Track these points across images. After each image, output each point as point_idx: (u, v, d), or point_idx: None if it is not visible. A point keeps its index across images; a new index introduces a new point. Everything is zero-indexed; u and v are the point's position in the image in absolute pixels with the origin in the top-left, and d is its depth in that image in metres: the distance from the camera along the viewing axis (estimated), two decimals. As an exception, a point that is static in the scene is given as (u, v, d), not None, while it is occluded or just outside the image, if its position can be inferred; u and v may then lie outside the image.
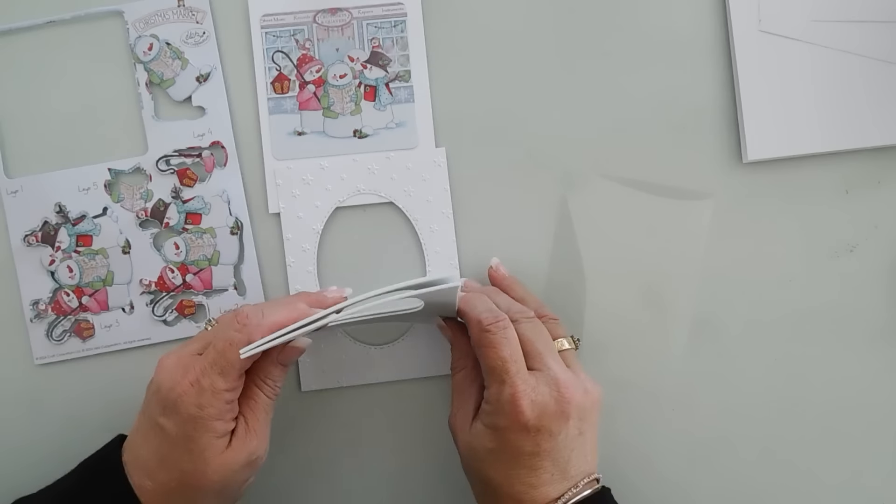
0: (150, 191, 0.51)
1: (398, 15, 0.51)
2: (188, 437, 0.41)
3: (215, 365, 0.41)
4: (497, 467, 0.42)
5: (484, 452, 0.42)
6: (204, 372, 0.41)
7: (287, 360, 0.44)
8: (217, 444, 0.41)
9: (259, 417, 0.43)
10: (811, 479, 0.52)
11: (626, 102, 0.51)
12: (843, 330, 0.52)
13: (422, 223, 0.51)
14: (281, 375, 0.44)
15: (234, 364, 0.41)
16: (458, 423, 0.44)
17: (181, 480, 0.41)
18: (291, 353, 0.44)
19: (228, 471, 0.42)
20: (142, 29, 0.51)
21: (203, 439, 0.41)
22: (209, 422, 0.41)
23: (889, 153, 0.51)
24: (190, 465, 0.41)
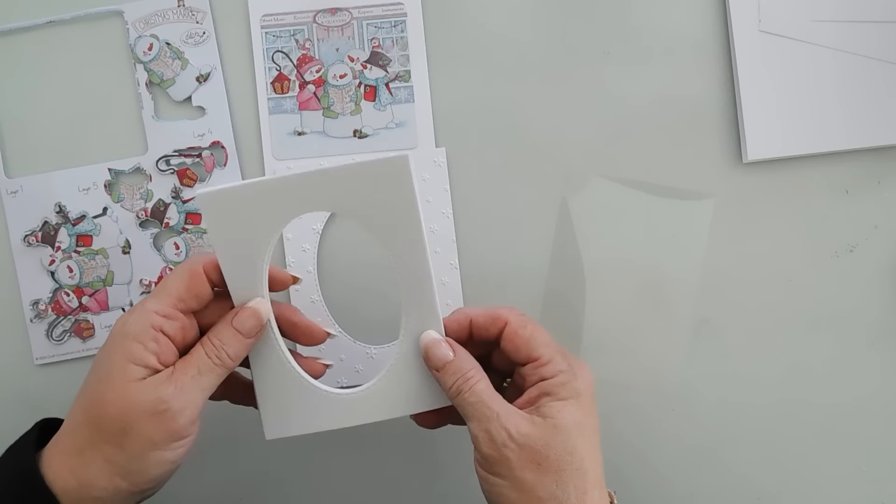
0: (150, 191, 0.51)
1: (398, 15, 0.51)
2: (105, 356, 0.39)
3: (154, 289, 0.40)
4: (586, 443, 0.39)
5: (576, 426, 0.39)
6: (143, 298, 0.40)
7: (243, 325, 0.40)
8: (127, 369, 0.38)
9: (188, 371, 0.39)
10: (811, 478, 0.52)
11: (626, 102, 0.51)
12: (843, 330, 0.52)
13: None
14: (233, 341, 0.40)
15: (170, 288, 0.39)
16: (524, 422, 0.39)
17: (84, 409, 0.39)
18: (248, 316, 0.40)
19: (126, 405, 0.37)
20: (142, 29, 0.51)
21: (114, 356, 0.38)
22: (127, 340, 0.38)
23: (889, 153, 0.51)
24: (93, 386, 0.39)
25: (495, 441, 0.38)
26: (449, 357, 0.41)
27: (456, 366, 0.40)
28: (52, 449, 0.39)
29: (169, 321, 0.39)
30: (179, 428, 0.38)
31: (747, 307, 0.51)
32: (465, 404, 0.40)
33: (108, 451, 0.38)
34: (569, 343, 0.51)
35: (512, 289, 0.51)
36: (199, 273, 0.40)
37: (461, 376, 0.40)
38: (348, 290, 0.51)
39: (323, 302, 0.51)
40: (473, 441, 0.39)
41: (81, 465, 0.38)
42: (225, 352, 0.40)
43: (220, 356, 0.39)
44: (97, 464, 0.38)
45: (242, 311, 0.40)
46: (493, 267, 0.51)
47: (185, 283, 0.40)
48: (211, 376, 0.39)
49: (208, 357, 0.39)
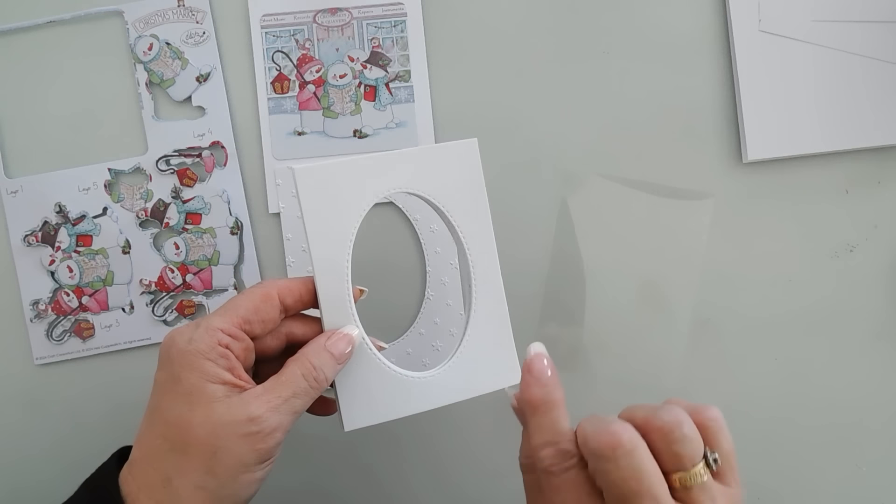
0: (150, 191, 0.51)
1: (398, 15, 0.51)
2: (174, 377, 0.36)
3: (218, 310, 0.38)
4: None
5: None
6: (203, 318, 0.37)
7: (336, 348, 0.38)
8: (207, 388, 0.35)
9: (282, 392, 0.36)
10: (811, 478, 0.52)
11: (626, 102, 0.51)
12: (843, 330, 0.52)
13: (422, 223, 0.51)
14: (327, 363, 0.38)
15: (238, 308, 0.37)
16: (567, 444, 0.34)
17: (164, 435, 0.36)
18: (341, 339, 0.38)
19: (217, 426, 0.35)
20: (142, 29, 0.51)
21: (189, 378, 0.35)
22: (197, 359, 0.35)
23: (889, 153, 0.51)
24: (172, 410, 0.36)
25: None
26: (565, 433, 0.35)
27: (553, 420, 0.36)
28: (131, 482, 0.36)
29: (234, 341, 0.37)
30: (269, 449, 0.36)
31: (747, 307, 0.51)
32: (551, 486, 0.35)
33: (197, 477, 0.35)
34: (569, 343, 0.51)
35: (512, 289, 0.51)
36: (272, 297, 0.38)
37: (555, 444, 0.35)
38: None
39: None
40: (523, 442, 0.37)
41: (170, 496, 0.35)
42: (321, 374, 0.38)
43: (316, 377, 0.37)
44: (187, 492, 0.35)
45: (335, 335, 0.39)
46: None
47: (256, 304, 0.38)
48: (305, 399, 0.37)
49: (304, 379, 0.37)
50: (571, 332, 0.51)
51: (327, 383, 0.38)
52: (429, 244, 0.51)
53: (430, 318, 0.51)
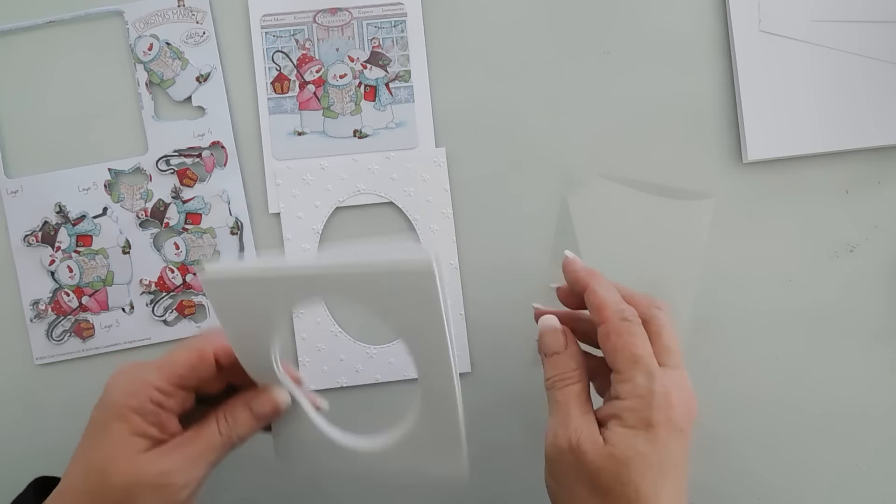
0: (150, 191, 0.51)
1: (398, 15, 0.51)
2: (104, 424, 0.38)
3: (157, 362, 0.39)
4: (648, 475, 0.36)
5: (638, 459, 0.36)
6: (142, 366, 0.39)
7: (259, 408, 0.40)
8: (130, 441, 0.38)
9: (196, 446, 0.39)
10: (811, 478, 0.52)
11: (626, 102, 0.51)
12: (843, 330, 0.52)
13: (422, 223, 0.51)
14: (246, 422, 0.40)
15: (176, 366, 0.39)
16: (586, 439, 0.37)
17: (85, 476, 0.38)
18: (266, 402, 0.40)
19: (132, 477, 0.37)
20: (142, 29, 0.51)
21: (116, 428, 0.38)
22: (128, 412, 0.38)
23: (889, 153, 0.51)
24: (96, 455, 0.38)
25: (558, 446, 0.38)
26: (559, 349, 0.41)
27: (562, 361, 0.40)
28: None
29: (168, 398, 0.38)
30: (181, 501, 0.38)
31: (747, 307, 0.51)
32: (552, 399, 0.40)
33: None
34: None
35: (512, 289, 0.51)
36: (207, 357, 0.39)
37: (560, 373, 0.40)
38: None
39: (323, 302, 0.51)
40: (545, 438, 0.39)
41: None
42: (237, 432, 0.40)
43: (230, 436, 0.39)
44: None
45: (262, 396, 0.40)
46: (494, 267, 0.51)
47: (192, 363, 0.39)
48: (219, 452, 0.39)
49: (220, 434, 0.39)
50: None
51: (244, 440, 0.40)
52: (429, 244, 0.51)
53: (430, 318, 0.51)
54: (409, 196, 0.51)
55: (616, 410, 0.37)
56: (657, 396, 0.37)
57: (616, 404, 0.38)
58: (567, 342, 0.41)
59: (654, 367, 0.38)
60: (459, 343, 0.51)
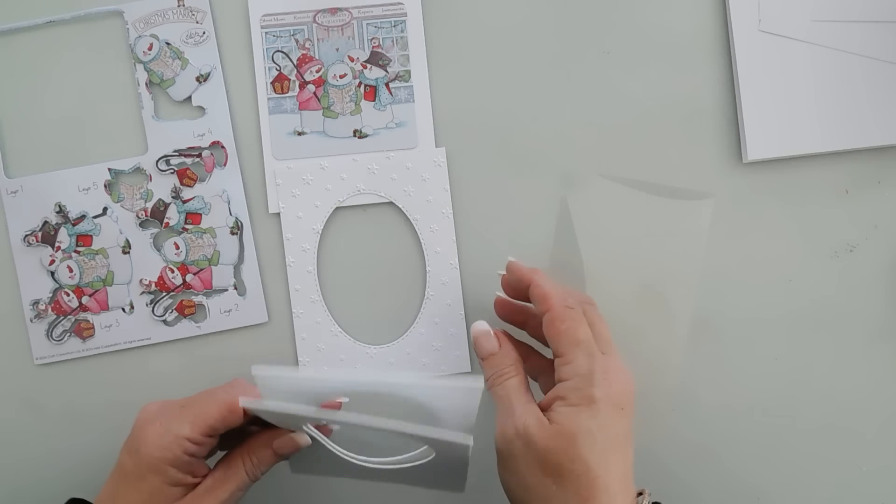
0: (150, 191, 0.51)
1: (398, 15, 0.51)
2: (141, 476, 0.40)
3: (188, 412, 0.41)
4: (595, 449, 0.38)
5: (583, 434, 0.38)
6: (174, 415, 0.41)
7: (282, 449, 0.43)
8: (167, 490, 0.40)
9: (228, 487, 0.42)
10: (811, 478, 0.52)
11: (627, 102, 0.51)
12: (843, 330, 0.52)
13: (422, 223, 0.51)
14: (269, 461, 0.43)
15: (208, 418, 0.41)
16: (532, 423, 0.40)
17: None
18: (288, 443, 0.43)
19: None
20: (142, 29, 0.51)
21: (154, 481, 0.40)
22: (164, 466, 0.40)
23: (889, 153, 0.51)
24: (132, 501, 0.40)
25: (506, 436, 0.40)
26: (493, 350, 0.44)
27: (497, 360, 0.43)
28: None
29: (200, 447, 0.41)
30: None
31: (747, 307, 0.51)
32: (495, 396, 0.43)
33: None
34: (569, 343, 0.51)
35: (512, 289, 0.51)
36: (237, 410, 0.41)
37: (497, 371, 0.43)
38: (348, 290, 0.51)
39: (323, 302, 0.51)
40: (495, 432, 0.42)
41: None
42: (261, 470, 0.43)
43: (256, 474, 0.43)
44: None
45: (284, 439, 0.43)
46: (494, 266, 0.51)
47: (223, 415, 0.41)
48: (246, 489, 0.43)
49: (247, 475, 0.43)
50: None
51: (263, 474, 0.44)
52: (429, 244, 0.51)
53: (430, 318, 0.51)
54: (409, 196, 0.51)
55: (559, 392, 0.40)
56: (597, 375, 0.39)
57: (559, 387, 0.40)
58: (500, 342, 0.44)
59: (595, 350, 0.41)
60: (459, 343, 0.51)
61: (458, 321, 0.51)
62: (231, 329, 0.51)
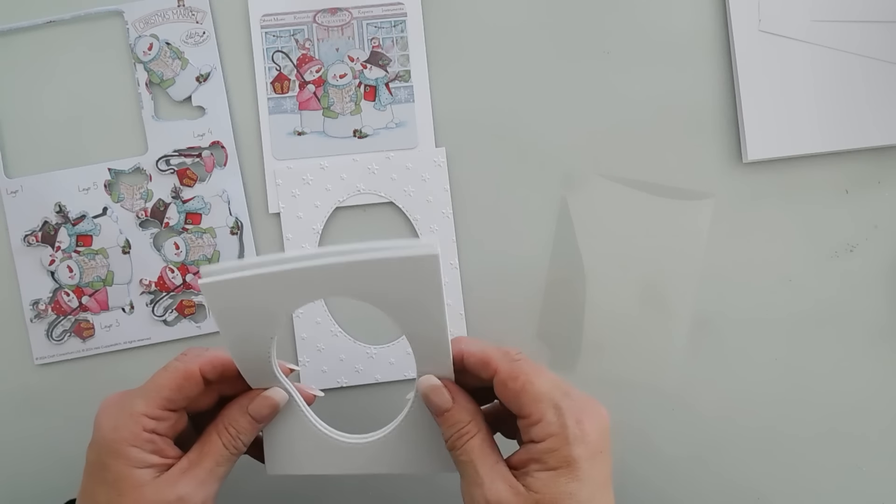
0: (150, 191, 0.51)
1: (398, 15, 0.51)
2: (102, 463, 0.37)
3: (142, 389, 0.38)
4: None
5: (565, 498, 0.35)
6: (127, 396, 0.38)
7: (258, 412, 0.39)
8: (134, 474, 0.37)
9: (205, 465, 0.38)
10: (811, 478, 0.52)
11: (626, 102, 0.51)
12: (843, 330, 0.52)
13: (422, 223, 0.51)
14: (248, 428, 0.39)
15: (162, 389, 0.38)
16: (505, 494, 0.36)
17: None
18: (263, 403, 0.39)
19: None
20: (142, 29, 0.51)
21: (115, 466, 0.37)
22: (122, 446, 0.37)
23: (889, 153, 0.51)
24: (103, 497, 0.37)
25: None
26: (447, 405, 0.38)
27: (453, 417, 0.38)
28: None
29: (159, 422, 0.38)
30: None
31: (747, 307, 0.51)
32: (457, 461, 0.38)
33: None
34: (569, 343, 0.51)
35: (512, 289, 0.51)
36: (193, 375, 0.39)
37: (457, 431, 0.38)
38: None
39: (323, 302, 0.51)
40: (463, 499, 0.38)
41: None
42: (241, 440, 0.39)
43: (236, 445, 0.39)
44: None
45: (259, 398, 0.39)
46: (493, 267, 0.51)
47: (178, 383, 0.38)
48: (228, 465, 0.39)
49: (226, 448, 0.39)
50: (571, 331, 0.51)
51: (247, 447, 0.40)
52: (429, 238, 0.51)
53: (430, 318, 0.51)
54: (409, 196, 0.51)
55: (534, 454, 0.36)
56: (571, 430, 0.36)
57: (532, 448, 0.36)
58: (453, 395, 0.39)
59: (559, 399, 0.36)
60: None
61: (457, 321, 0.51)
62: (231, 329, 0.51)
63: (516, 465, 0.37)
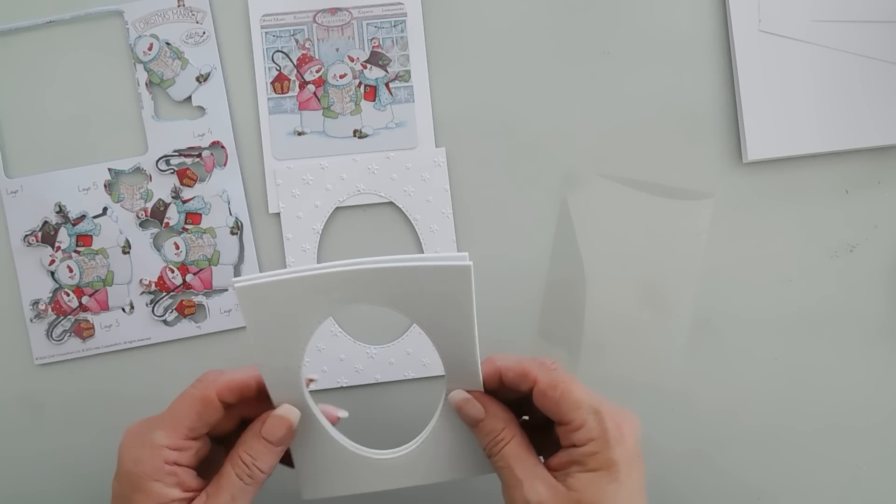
0: (150, 191, 0.51)
1: (398, 15, 0.51)
2: (125, 498, 0.37)
3: (162, 419, 0.38)
4: None
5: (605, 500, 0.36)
6: (148, 426, 0.38)
7: (273, 435, 0.38)
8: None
9: (223, 498, 0.37)
10: (811, 478, 0.52)
11: (627, 102, 0.51)
12: (843, 330, 0.52)
13: (422, 223, 0.51)
14: (265, 454, 0.38)
15: (182, 418, 0.38)
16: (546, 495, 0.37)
17: None
18: (276, 423, 0.38)
19: None
20: (142, 29, 0.51)
21: (138, 500, 0.37)
22: (144, 481, 0.37)
23: (889, 153, 0.51)
24: None
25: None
26: (480, 416, 0.39)
27: (488, 426, 0.39)
28: None
29: (182, 453, 0.38)
30: None
31: (747, 307, 0.51)
32: (495, 467, 0.39)
33: None
34: (569, 343, 0.51)
35: (512, 289, 0.51)
36: (211, 401, 0.38)
37: (492, 439, 0.39)
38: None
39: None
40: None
41: None
42: (257, 468, 0.38)
43: (252, 475, 0.38)
44: None
45: (271, 419, 0.39)
46: (494, 266, 0.51)
47: (197, 412, 0.38)
48: (246, 497, 0.38)
49: (240, 479, 0.38)
50: (572, 331, 0.51)
51: (269, 472, 0.39)
52: (429, 244, 0.51)
53: (430, 318, 0.51)
54: (409, 196, 0.51)
55: (574, 457, 0.37)
56: (611, 433, 0.37)
57: (573, 451, 0.37)
58: (484, 405, 0.39)
59: (597, 405, 0.37)
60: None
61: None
62: (231, 329, 0.51)
63: (555, 468, 0.38)
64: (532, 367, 0.39)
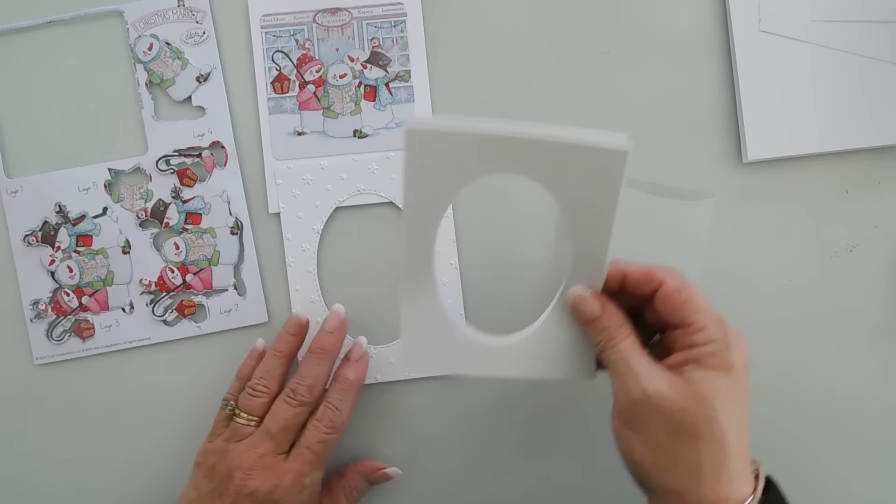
0: (150, 191, 0.51)
1: (398, 15, 0.51)
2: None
3: (314, 464, 0.45)
4: (729, 413, 0.38)
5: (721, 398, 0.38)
6: (303, 472, 0.44)
7: (375, 480, 0.50)
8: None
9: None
10: (811, 478, 0.52)
11: (626, 102, 0.51)
12: (843, 330, 0.52)
13: (422, 223, 0.51)
14: (363, 490, 0.49)
15: (325, 457, 0.45)
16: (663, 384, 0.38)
17: None
18: (381, 478, 0.50)
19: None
20: (142, 29, 0.51)
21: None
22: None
23: (889, 153, 0.51)
24: None
25: (632, 397, 0.38)
26: (596, 313, 0.40)
27: (603, 323, 0.40)
28: None
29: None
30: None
31: (747, 307, 0.51)
32: (607, 361, 0.40)
33: None
34: (569, 343, 0.51)
35: (512, 288, 0.51)
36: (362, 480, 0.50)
37: (606, 335, 0.40)
38: (348, 290, 0.51)
39: (323, 302, 0.51)
40: (613, 395, 0.39)
41: None
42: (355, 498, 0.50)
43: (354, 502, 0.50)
44: None
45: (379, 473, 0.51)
46: (494, 267, 0.51)
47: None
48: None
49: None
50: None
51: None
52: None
53: (430, 317, 0.51)
54: (409, 196, 0.51)
55: (693, 356, 0.38)
56: (731, 340, 0.39)
57: (691, 351, 0.39)
58: (602, 304, 0.40)
59: (718, 314, 0.39)
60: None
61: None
62: (231, 329, 0.51)
63: (672, 366, 0.39)
64: (659, 270, 0.40)
